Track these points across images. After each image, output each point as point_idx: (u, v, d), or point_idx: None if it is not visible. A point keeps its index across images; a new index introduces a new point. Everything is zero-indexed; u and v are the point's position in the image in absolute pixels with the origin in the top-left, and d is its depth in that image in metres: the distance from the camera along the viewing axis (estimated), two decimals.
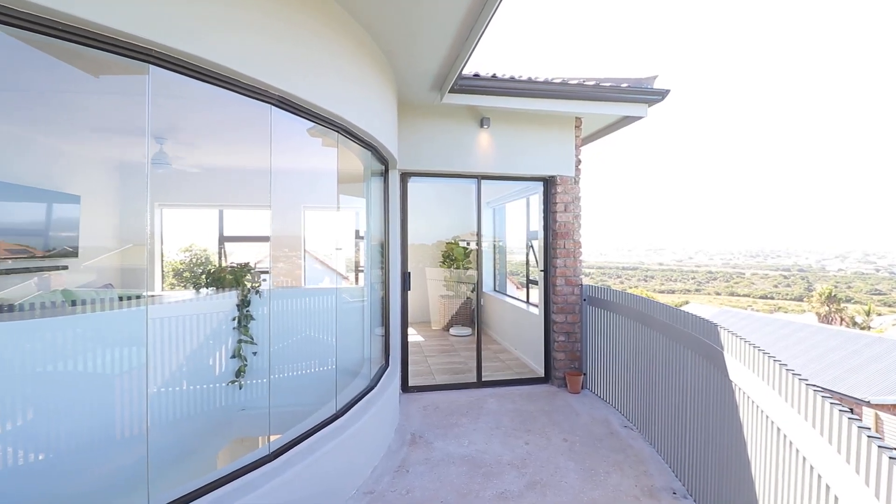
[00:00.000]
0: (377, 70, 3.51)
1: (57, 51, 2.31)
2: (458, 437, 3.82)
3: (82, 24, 1.64)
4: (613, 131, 5.74)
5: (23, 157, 3.01)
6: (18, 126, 2.85)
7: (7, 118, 2.76)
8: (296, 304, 3.78)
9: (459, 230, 8.63)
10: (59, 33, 1.64)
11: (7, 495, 2.15)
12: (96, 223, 3.54)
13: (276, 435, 2.68)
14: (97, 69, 2.68)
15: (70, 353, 2.41)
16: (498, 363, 6.01)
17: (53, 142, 3.28)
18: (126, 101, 2.72)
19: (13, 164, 2.93)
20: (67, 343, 2.43)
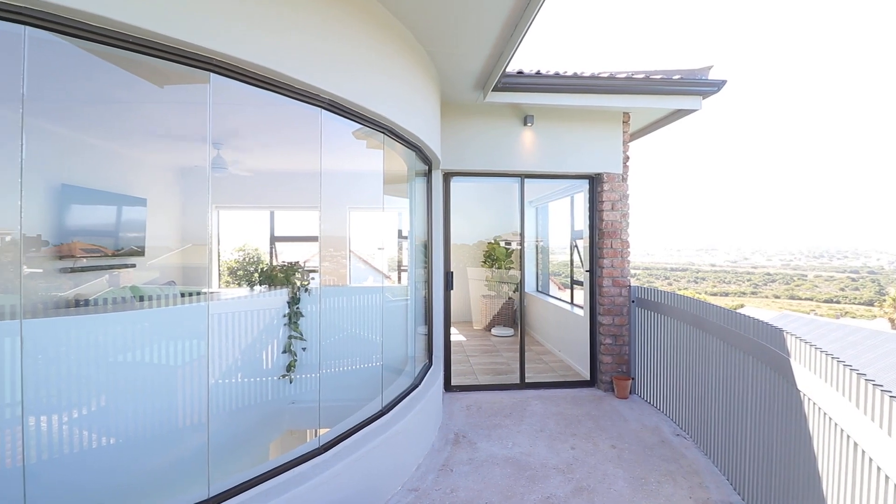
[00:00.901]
0: (421, 70, 3.54)
1: (127, 63, 2.48)
2: (501, 439, 3.79)
3: (151, 36, 1.76)
4: (664, 126, 5.50)
5: (97, 163, 3.29)
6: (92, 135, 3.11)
7: (83, 128, 3.02)
8: (342, 302, 3.87)
9: (500, 230, 8.57)
10: (130, 45, 1.76)
11: (83, 474, 2.33)
12: (160, 224, 3.81)
13: (325, 429, 2.76)
14: (162, 80, 2.86)
15: (138, 345, 2.58)
16: (541, 365, 5.90)
17: (123, 149, 3.56)
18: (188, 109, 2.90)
19: (89, 170, 3.20)
20: (136, 335, 2.62)
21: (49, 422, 2.20)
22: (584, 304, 5.35)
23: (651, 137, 6.00)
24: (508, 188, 8.82)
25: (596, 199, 5.13)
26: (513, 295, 7.71)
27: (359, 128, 3.08)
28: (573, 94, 4.48)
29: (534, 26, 3.07)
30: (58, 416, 2.24)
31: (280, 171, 4.79)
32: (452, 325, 4.96)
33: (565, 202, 6.77)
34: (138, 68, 2.63)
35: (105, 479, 2.45)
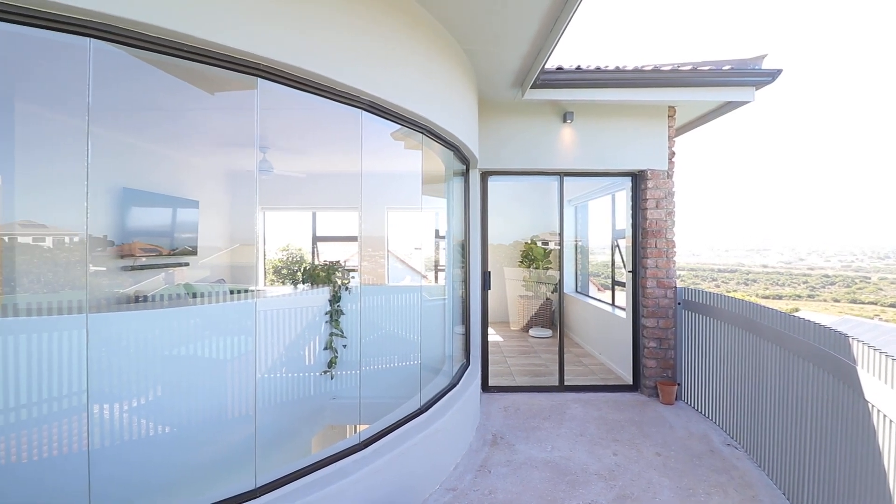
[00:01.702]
0: (459, 69, 3.53)
1: (180, 71, 2.61)
2: (540, 441, 3.72)
3: (204, 45, 1.84)
4: (713, 119, 5.24)
5: (153, 167, 3.50)
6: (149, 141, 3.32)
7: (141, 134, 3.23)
8: (381, 301, 3.92)
9: (538, 230, 8.44)
10: (185, 53, 1.85)
11: (140, 459, 2.47)
12: (210, 225, 4.02)
13: (364, 425, 2.80)
14: (212, 87, 2.99)
15: (191, 340, 2.72)
16: (581, 367, 5.77)
17: (177, 153, 3.78)
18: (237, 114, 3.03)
19: (146, 174, 3.41)
20: (189, 330, 2.76)
21: (111, 410, 2.35)
22: (627, 306, 5.18)
23: (699, 132, 5.74)
24: (546, 187, 8.67)
25: (639, 197, 4.96)
26: (551, 295, 7.58)
27: (397, 129, 3.11)
28: (615, 89, 4.35)
29: (573, 20, 3.00)
30: (118, 405, 2.39)
31: (321, 172, 4.92)
32: (489, 326, 4.93)
33: (606, 200, 6.58)
34: (191, 76, 2.76)
35: (159, 466, 2.59)
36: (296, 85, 2.20)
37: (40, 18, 1.57)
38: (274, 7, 2.03)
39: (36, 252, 2.87)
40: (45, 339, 2.21)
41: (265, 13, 1.99)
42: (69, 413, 2.21)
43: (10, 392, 2.12)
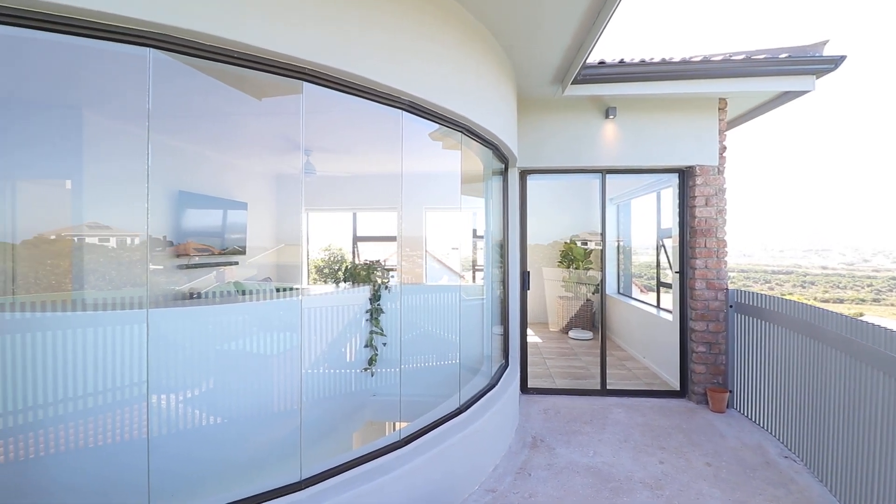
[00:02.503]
0: (497, 67, 3.50)
1: (229, 78, 2.72)
2: (582, 446, 3.63)
3: (253, 51, 1.91)
4: (768, 111, 4.94)
5: (205, 171, 3.70)
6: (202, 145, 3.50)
7: (194, 139, 3.41)
8: (420, 300, 3.95)
9: (577, 229, 8.25)
10: (235, 60, 1.92)
11: (194, 449, 2.60)
12: (258, 226, 4.20)
13: (405, 422, 2.82)
14: (259, 92, 3.11)
15: (240, 335, 2.84)
16: (623, 371, 5.58)
17: (227, 157, 3.98)
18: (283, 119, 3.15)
19: (199, 177, 3.61)
20: (238, 326, 2.88)
21: (167, 401, 2.48)
22: (673, 309, 4.97)
23: (752, 124, 5.43)
24: (586, 186, 8.47)
25: (687, 195, 4.74)
26: (591, 296, 7.38)
27: (435, 129, 3.11)
28: (662, 82, 4.18)
29: (616, 12, 2.91)
30: (174, 396, 2.53)
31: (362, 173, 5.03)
32: (528, 326, 4.85)
33: (650, 198, 6.34)
34: (239, 83, 2.88)
35: (211, 455, 2.71)
36: (339, 87, 2.24)
37: (104, 31, 1.68)
38: (318, 12, 2.08)
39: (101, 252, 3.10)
40: (108, 332, 2.37)
41: (310, 19, 2.05)
42: (130, 402, 2.36)
43: (79, 382, 2.28)
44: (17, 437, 2.28)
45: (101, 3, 1.58)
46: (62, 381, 2.27)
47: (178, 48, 1.80)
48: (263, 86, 2.93)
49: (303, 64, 2.05)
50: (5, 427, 2.23)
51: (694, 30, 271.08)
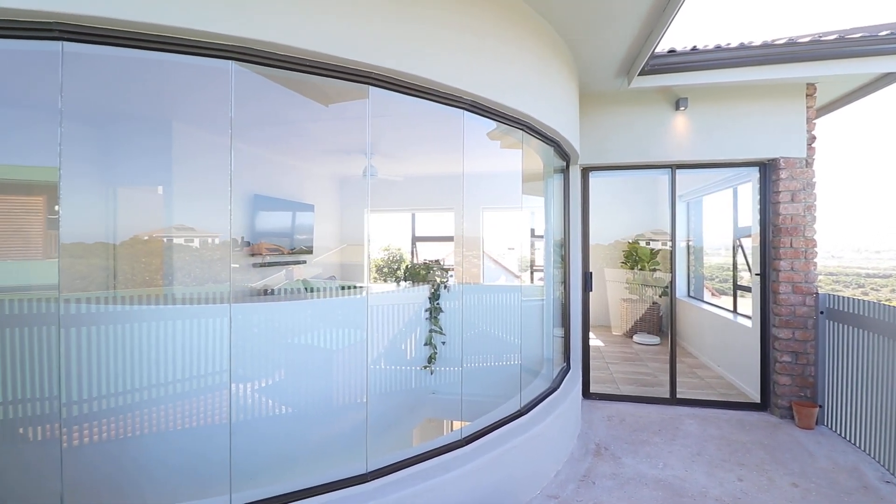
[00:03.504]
0: (559, 61, 3.41)
1: (299, 86, 2.87)
2: (650, 457, 3.44)
3: (322, 58, 2.00)
4: (865, 96, 4.44)
5: (277, 175, 3.95)
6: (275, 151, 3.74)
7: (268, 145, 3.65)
8: (478, 300, 3.94)
9: (641, 228, 7.86)
10: (305, 67, 2.02)
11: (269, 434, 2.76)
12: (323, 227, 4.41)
13: (461, 421, 2.82)
14: (327, 99, 3.25)
15: (308, 329, 2.98)
16: (695, 380, 5.23)
17: (296, 162, 4.22)
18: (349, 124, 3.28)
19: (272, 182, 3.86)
20: (306, 321, 3.02)
21: (245, 389, 2.66)
22: (753, 314, 4.59)
23: (845, 111, 4.88)
24: (650, 183, 8.04)
25: (769, 190, 4.36)
26: (658, 299, 7.00)
27: (493, 128, 3.09)
28: (740, 69, 3.87)
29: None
30: (250, 385, 2.70)
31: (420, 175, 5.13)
32: (590, 330, 4.69)
33: (725, 195, 5.90)
34: (308, 90, 3.03)
35: (283, 442, 2.87)
36: (403, 90, 2.29)
37: (191, 46, 1.82)
38: (383, 16, 2.13)
39: (187, 251, 3.40)
40: (194, 324, 2.58)
41: (375, 25, 2.10)
42: (214, 389, 2.56)
43: (169, 369, 2.51)
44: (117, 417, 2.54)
45: (189, 21, 1.72)
46: (155, 368, 2.51)
47: (256, 59, 1.92)
48: (331, 92, 3.06)
49: (369, 69, 2.11)
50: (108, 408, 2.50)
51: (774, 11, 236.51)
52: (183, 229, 3.43)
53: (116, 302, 2.77)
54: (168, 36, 1.76)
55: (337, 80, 2.13)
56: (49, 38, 1.68)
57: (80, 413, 2.43)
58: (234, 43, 1.85)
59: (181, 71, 2.56)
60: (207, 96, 2.96)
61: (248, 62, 1.94)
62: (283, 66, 1.99)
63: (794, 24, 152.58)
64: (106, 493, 2.45)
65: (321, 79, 2.15)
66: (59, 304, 2.05)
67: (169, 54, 1.83)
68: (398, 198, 5.22)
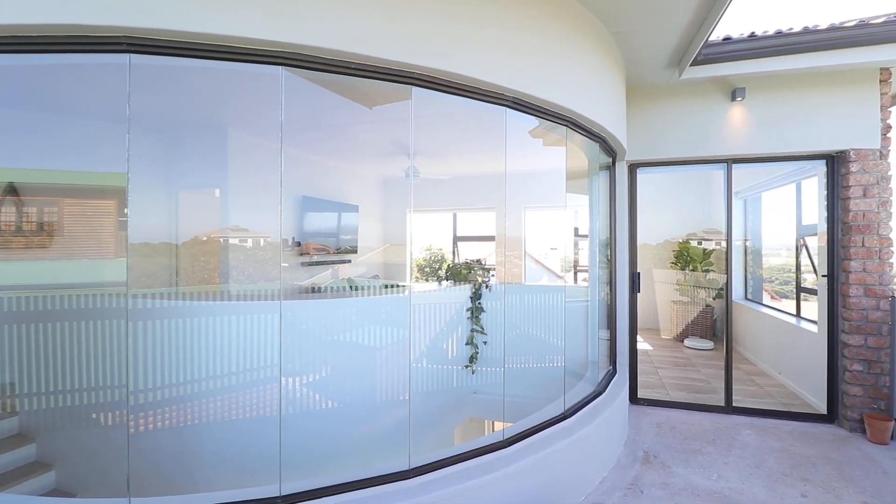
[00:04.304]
0: (605, 54, 3.31)
1: (344, 89, 2.95)
2: (703, 468, 3.27)
3: (366, 60, 2.04)
4: None
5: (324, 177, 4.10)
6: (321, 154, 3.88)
7: (315, 148, 3.79)
8: (520, 300, 3.90)
9: (692, 227, 7.48)
10: (350, 70, 2.07)
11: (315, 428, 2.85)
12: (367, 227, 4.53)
13: (502, 422, 2.80)
14: (371, 102, 3.32)
15: (353, 327, 3.06)
16: (753, 388, 4.93)
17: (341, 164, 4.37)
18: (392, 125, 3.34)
19: (318, 183, 4.01)
20: (352, 319, 3.10)
21: (293, 382, 2.76)
22: (818, 319, 4.26)
23: None
24: (702, 179, 7.63)
25: (838, 184, 4.03)
26: (712, 302, 6.64)
27: (535, 126, 3.04)
28: (804, 55, 3.60)
29: None
30: (298, 379, 2.81)
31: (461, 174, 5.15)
32: (637, 332, 4.52)
33: (786, 191, 5.51)
34: (353, 93, 3.10)
35: (328, 436, 2.95)
36: (445, 88, 2.30)
37: (243, 54, 1.91)
38: (424, 16, 2.15)
39: (240, 251, 3.59)
40: (247, 320, 2.71)
41: (417, 24, 2.13)
42: (265, 382, 2.67)
43: (224, 361, 2.65)
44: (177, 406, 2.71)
45: (243, 29, 1.81)
46: (212, 361, 2.66)
47: (304, 64, 1.99)
48: (374, 95, 3.13)
49: (412, 69, 2.14)
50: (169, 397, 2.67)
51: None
52: (237, 230, 3.61)
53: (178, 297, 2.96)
54: (224, 45, 1.86)
55: (380, 82, 2.17)
56: (117, 51, 1.82)
57: (145, 401, 2.62)
58: (284, 49, 1.92)
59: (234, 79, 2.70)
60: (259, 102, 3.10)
61: (296, 67, 2.01)
62: (330, 70, 2.05)
63: (864, 3, 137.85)
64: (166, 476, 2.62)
65: (365, 81, 2.19)
66: (128, 300, 2.21)
67: (224, 62, 1.93)
68: (440, 198, 5.25)
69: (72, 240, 3.09)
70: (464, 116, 3.16)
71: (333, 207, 4.13)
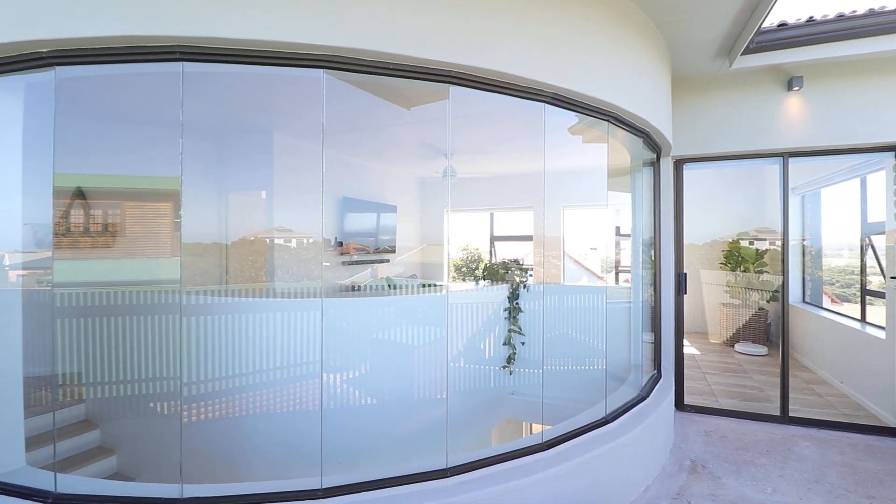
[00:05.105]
0: (648, 46, 3.19)
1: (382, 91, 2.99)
2: (756, 480, 3.09)
3: (404, 60, 2.06)
4: None
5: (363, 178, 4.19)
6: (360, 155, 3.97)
7: (354, 150, 3.87)
8: (558, 301, 3.82)
9: (742, 226, 7.07)
10: (388, 71, 2.09)
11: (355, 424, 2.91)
12: (405, 227, 4.59)
13: (540, 425, 2.75)
14: (408, 103, 3.35)
15: (392, 325, 3.10)
16: (812, 397, 4.61)
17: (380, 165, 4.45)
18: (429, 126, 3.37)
19: (357, 183, 4.09)
20: (390, 317, 3.14)
21: (333, 379, 2.83)
22: (887, 325, 3.93)
23: None
24: (753, 175, 7.20)
25: None
26: (766, 305, 6.26)
27: (574, 123, 2.97)
28: (869, 39, 3.34)
29: None
30: (338, 376, 2.87)
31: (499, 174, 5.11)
32: (683, 336, 4.33)
33: (850, 186, 5.13)
34: (391, 95, 3.14)
35: (366, 432, 3.00)
36: (482, 86, 2.28)
37: (286, 58, 1.97)
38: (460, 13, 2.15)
39: (285, 250, 3.72)
40: (291, 317, 2.80)
41: (453, 21, 2.13)
42: (306, 378, 2.75)
43: (270, 356, 2.75)
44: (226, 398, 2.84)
45: (286, 34, 1.87)
46: (258, 355, 2.76)
47: (344, 66, 2.03)
48: (412, 96, 3.16)
49: (449, 67, 2.14)
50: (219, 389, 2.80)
51: None
52: (282, 230, 3.76)
53: (228, 294, 3.11)
54: (268, 50, 1.93)
55: (418, 81, 2.19)
56: (171, 60, 1.92)
57: (196, 392, 2.76)
58: (324, 52, 1.97)
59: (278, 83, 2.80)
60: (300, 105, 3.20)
61: (336, 69, 2.06)
62: (368, 71, 2.08)
63: None
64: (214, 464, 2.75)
65: (403, 81, 2.22)
66: (181, 296, 2.33)
67: (269, 67, 2.00)
68: (477, 197, 5.24)
69: (132, 240, 3.31)
70: (501, 115, 3.14)
71: (372, 208, 4.21)
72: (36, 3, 1.83)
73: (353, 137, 3.82)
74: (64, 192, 3.04)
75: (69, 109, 2.08)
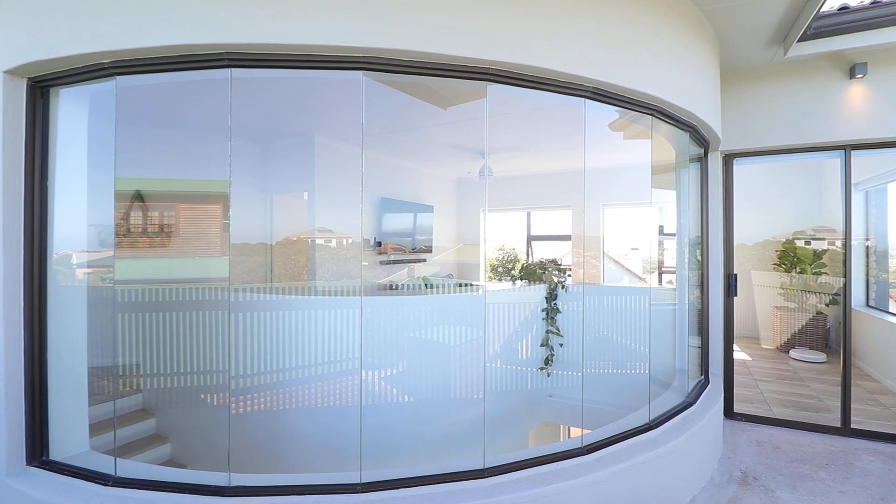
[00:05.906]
0: (694, 36, 3.05)
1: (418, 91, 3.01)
2: (813, 495, 2.89)
3: (442, 59, 2.07)
4: None
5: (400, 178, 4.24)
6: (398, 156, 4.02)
7: (392, 151, 3.93)
8: (598, 302, 3.73)
9: (797, 225, 6.63)
10: (426, 70, 2.11)
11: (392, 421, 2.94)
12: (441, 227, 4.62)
13: (580, 428, 2.69)
14: (445, 102, 3.36)
15: (429, 324, 3.12)
16: (877, 408, 4.27)
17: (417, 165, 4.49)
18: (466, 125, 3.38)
19: (394, 184, 4.15)
20: (427, 316, 3.16)
21: (372, 376, 2.88)
22: None
23: None
24: (810, 169, 6.74)
25: None
26: (824, 309, 5.86)
27: (614, 119, 2.88)
28: None
29: None
30: (376, 373, 2.91)
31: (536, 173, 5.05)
32: (734, 340, 4.11)
33: None
34: (427, 95, 3.16)
35: (404, 430, 3.03)
36: (520, 82, 2.25)
37: (326, 61, 2.02)
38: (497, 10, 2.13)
39: (326, 250, 3.83)
40: (331, 314, 2.87)
41: (491, 18, 2.11)
42: (346, 374, 2.82)
43: (312, 352, 2.83)
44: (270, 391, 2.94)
45: (327, 38, 1.93)
46: (301, 351, 2.85)
47: (382, 67, 2.06)
48: (449, 95, 3.16)
49: (486, 65, 2.13)
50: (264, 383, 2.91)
51: None
52: (323, 231, 3.87)
53: (273, 292, 3.23)
54: (309, 54, 1.99)
55: (456, 80, 2.19)
56: (220, 67, 2.02)
57: (243, 385, 2.88)
58: (363, 53, 2.01)
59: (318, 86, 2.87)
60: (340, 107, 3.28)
61: (375, 70, 2.09)
62: (406, 71, 2.10)
63: None
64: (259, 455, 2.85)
65: (440, 81, 2.22)
66: (230, 293, 2.44)
67: (310, 71, 2.07)
68: (513, 197, 5.20)
69: (185, 240, 3.50)
70: (539, 112, 3.09)
71: (409, 208, 4.25)
72: (98, 17, 1.97)
73: (390, 138, 3.88)
74: (124, 195, 3.25)
75: (128, 117, 2.22)
